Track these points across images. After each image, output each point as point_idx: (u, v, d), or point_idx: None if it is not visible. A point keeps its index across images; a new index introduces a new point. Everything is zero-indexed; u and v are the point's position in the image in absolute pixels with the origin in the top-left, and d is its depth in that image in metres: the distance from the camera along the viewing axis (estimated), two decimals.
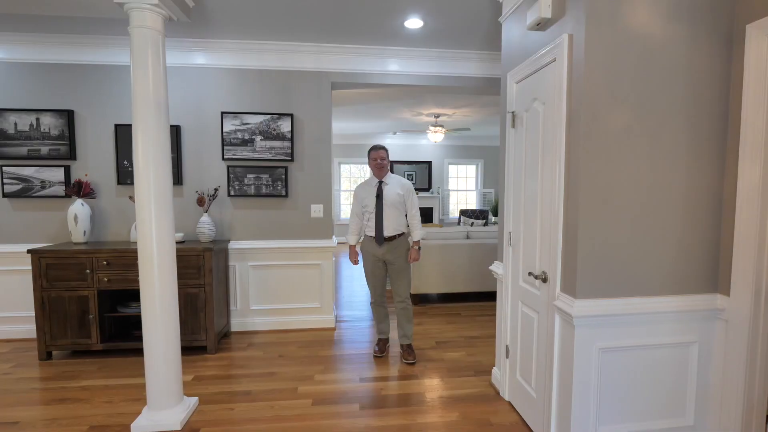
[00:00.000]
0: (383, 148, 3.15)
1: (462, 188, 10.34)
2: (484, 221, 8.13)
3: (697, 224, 1.92)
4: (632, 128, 1.83)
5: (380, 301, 3.28)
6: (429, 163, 9.99)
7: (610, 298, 1.86)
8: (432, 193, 10.00)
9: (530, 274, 2.22)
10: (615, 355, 1.90)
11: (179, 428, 2.28)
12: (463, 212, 8.90)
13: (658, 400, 1.97)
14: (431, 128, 7.05)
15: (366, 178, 3.29)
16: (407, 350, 3.16)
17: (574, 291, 1.86)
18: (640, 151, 1.84)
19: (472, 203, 10.42)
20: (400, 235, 3.14)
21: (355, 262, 3.24)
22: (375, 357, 3.24)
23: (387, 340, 3.34)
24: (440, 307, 4.59)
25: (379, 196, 3.10)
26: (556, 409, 2.03)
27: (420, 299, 4.87)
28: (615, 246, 1.86)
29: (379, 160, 3.09)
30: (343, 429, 2.29)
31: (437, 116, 7.03)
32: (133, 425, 2.25)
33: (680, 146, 1.87)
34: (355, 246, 3.28)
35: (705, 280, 1.94)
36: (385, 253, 3.12)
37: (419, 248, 3.17)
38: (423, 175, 10.00)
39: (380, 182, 3.14)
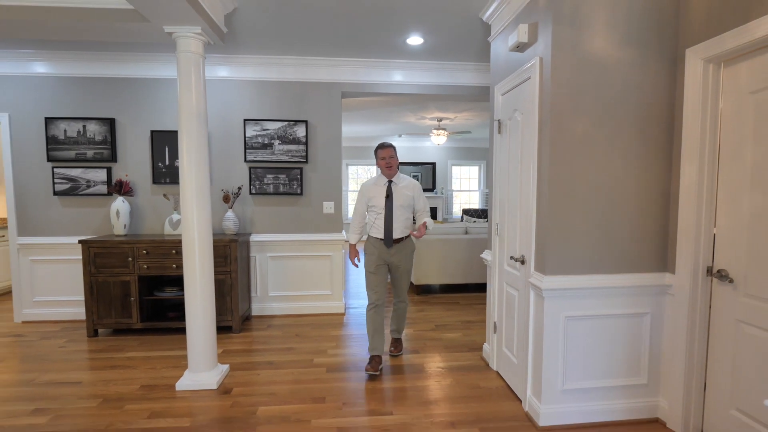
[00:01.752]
0: (391, 145, 2.93)
1: (465, 188, 10.72)
2: (486, 219, 8.50)
3: (648, 214, 2.30)
4: (591, 135, 2.22)
5: (379, 304, 2.96)
6: (433, 164, 10.38)
7: (574, 275, 2.25)
8: (436, 193, 10.39)
9: (512, 257, 2.61)
10: (579, 323, 2.29)
11: (215, 387, 2.70)
12: (466, 211, 9.28)
13: (617, 361, 2.35)
14: (434, 131, 7.43)
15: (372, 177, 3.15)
16: (395, 343, 3.27)
17: (544, 269, 2.25)
18: (598, 154, 2.23)
19: (475, 203, 10.80)
20: (407, 236, 3.05)
21: (356, 264, 3.10)
22: (369, 374, 2.89)
23: (380, 358, 2.95)
24: (440, 297, 4.98)
25: (389, 196, 2.95)
26: (531, 370, 2.43)
27: (422, 290, 5.27)
28: (578, 232, 2.25)
29: (387, 158, 2.90)
30: (352, 389, 2.71)
31: (440, 120, 7.42)
32: (177, 384, 2.68)
33: (633, 150, 2.25)
34: (356, 245, 3.12)
35: (655, 260, 2.32)
36: (392, 256, 2.99)
37: (426, 228, 2.96)
38: (427, 175, 10.40)
39: (390, 182, 2.98)
